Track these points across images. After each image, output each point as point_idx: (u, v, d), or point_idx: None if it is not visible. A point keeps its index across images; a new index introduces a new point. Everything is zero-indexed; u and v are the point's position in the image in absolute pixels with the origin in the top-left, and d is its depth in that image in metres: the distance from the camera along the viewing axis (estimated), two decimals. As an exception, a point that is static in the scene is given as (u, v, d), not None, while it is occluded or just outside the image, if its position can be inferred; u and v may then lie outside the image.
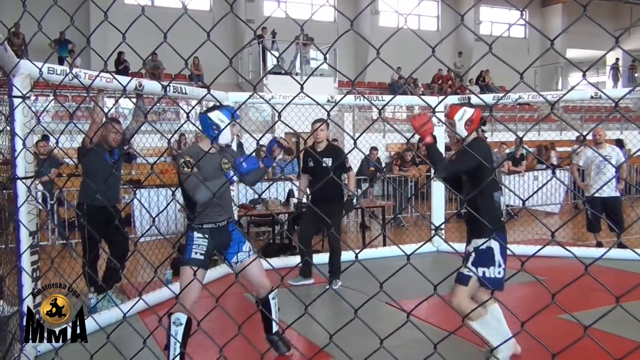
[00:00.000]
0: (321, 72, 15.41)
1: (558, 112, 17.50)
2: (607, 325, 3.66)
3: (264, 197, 8.05)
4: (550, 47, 1.24)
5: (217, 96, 6.24)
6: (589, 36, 17.02)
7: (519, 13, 1.38)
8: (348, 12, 17.01)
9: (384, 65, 2.06)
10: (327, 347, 1.64)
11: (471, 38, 19.50)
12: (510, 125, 16.46)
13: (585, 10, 1.10)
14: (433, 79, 18.28)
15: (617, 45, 1.22)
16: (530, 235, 8.27)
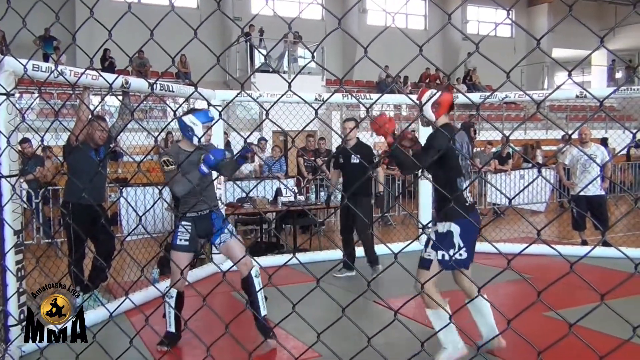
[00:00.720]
0: (309, 70, 15.39)
1: (544, 111, 17.64)
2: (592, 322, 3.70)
3: (252, 195, 8.03)
4: (536, 46, 1.24)
5: (205, 94, 6.20)
6: (574, 36, 17.20)
7: (506, 12, 1.39)
8: (336, 11, 17.02)
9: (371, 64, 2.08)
10: (314, 345, 1.64)
11: (458, 37, 19.59)
12: (497, 124, 16.57)
13: (570, 10, 1.11)
14: (420, 78, 18.34)
15: (602, 45, 1.23)
16: (517, 234, 8.33)
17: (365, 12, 19.18)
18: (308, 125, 1.70)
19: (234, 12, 16.06)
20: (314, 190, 8.16)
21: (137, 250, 6.21)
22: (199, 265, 6.51)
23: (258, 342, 3.67)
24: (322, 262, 6.49)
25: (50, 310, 2.22)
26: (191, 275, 5.94)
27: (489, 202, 11.35)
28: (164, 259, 6.35)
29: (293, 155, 10.75)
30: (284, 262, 6.32)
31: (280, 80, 1.75)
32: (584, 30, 16.19)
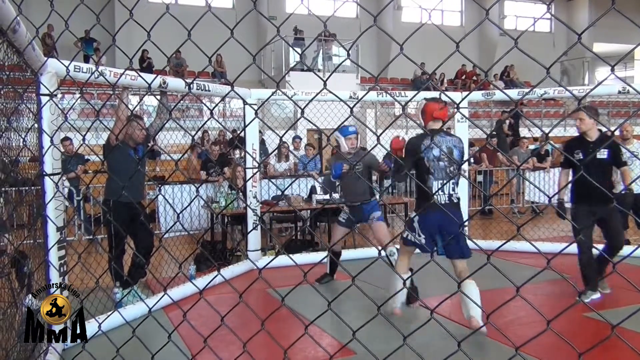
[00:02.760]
0: (343, 68, 15.36)
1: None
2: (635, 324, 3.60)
3: (287, 193, 8.07)
4: (577, 41, 1.21)
5: (241, 93, 6.26)
6: (616, 29, 16.66)
7: (545, 7, 1.36)
8: (371, 8, 16.93)
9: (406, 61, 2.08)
10: (350, 343, 1.64)
11: (495, 33, 19.26)
12: (536, 121, 16.23)
13: (613, 2, 1.08)
14: (456, 75, 18.11)
15: (646, 39, 1.19)
16: (556, 233, 8.15)
17: (400, 9, 19.03)
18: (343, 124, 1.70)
19: (269, 11, 16.15)
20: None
21: (174, 247, 6.31)
22: (234, 262, 6.58)
23: (293, 339, 3.69)
24: (357, 260, 6.47)
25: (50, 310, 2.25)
26: (228, 272, 6.01)
27: (527, 200, 11.13)
28: (200, 256, 6.44)
29: (328, 153, 10.76)
30: (319, 259, 6.35)
31: (314, 78, 1.76)
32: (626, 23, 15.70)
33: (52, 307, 2.24)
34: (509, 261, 6.00)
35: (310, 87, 7.36)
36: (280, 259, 5.88)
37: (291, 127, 1.75)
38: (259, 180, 6.78)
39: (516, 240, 6.07)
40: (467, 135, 7.45)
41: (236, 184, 7.83)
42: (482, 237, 8.16)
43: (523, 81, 18.02)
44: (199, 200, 7.99)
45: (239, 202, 7.12)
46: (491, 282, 5.48)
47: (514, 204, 11.08)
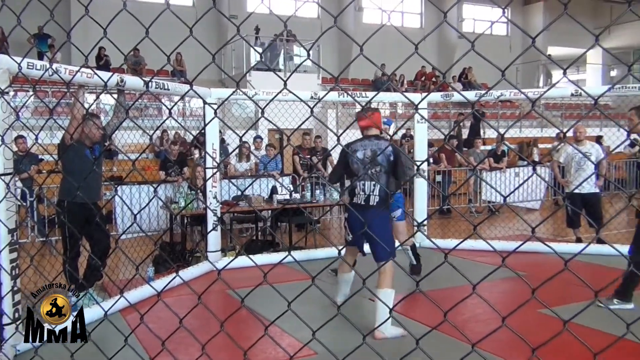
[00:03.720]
0: (305, 68, 15.37)
1: (539, 109, 17.67)
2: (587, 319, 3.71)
3: (247, 193, 8.02)
4: (531, 44, 1.25)
5: (200, 92, 6.20)
6: (570, 34, 17.21)
7: (501, 11, 1.39)
8: (331, 9, 17.00)
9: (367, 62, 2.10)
10: (310, 343, 1.64)
11: (454, 35, 19.61)
12: (493, 122, 16.59)
13: (565, 8, 1.11)
14: (416, 76, 18.35)
15: (597, 44, 1.24)
16: (512, 232, 8.35)
17: (361, 11, 19.16)
18: (304, 124, 1.70)
19: (230, 10, 16.02)
20: (310, 188, 8.16)
21: (132, 248, 6.20)
22: (194, 263, 6.50)
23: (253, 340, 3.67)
24: (318, 260, 6.49)
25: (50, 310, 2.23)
26: (187, 274, 5.94)
27: (484, 199, 11.38)
28: (159, 257, 6.34)
29: (289, 153, 10.75)
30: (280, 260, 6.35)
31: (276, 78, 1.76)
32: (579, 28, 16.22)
33: (52, 307, 2.21)
34: (467, 260, 6.12)
35: (271, 87, 7.33)
36: (241, 259, 5.84)
37: (251, 127, 1.74)
38: (219, 180, 6.72)
39: (473, 239, 6.20)
40: (426, 136, 7.56)
41: (196, 184, 7.74)
42: (440, 236, 8.30)
43: (481, 83, 18.39)
44: (158, 201, 7.87)
45: (198, 203, 7.05)
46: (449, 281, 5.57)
47: (472, 203, 11.30)
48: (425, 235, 5.85)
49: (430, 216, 9.33)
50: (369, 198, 4.35)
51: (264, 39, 15.38)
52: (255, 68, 14.60)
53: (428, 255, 6.41)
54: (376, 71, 17.04)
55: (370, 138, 4.49)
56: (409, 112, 15.09)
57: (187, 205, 6.81)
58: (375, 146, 4.41)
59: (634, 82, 7.32)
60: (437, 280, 5.48)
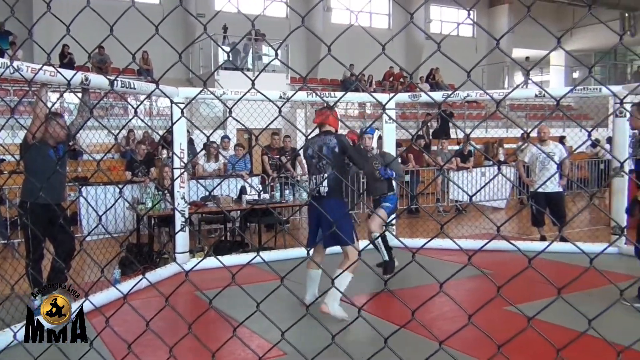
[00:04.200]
0: (273, 68, 15.32)
1: (504, 110, 17.99)
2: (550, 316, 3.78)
3: (216, 194, 7.96)
4: (495, 46, 1.27)
5: (167, 91, 6.12)
6: (534, 36, 17.57)
7: (467, 12, 1.42)
8: (300, 9, 16.99)
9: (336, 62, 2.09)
10: (279, 343, 1.64)
11: (421, 36, 19.81)
12: (459, 123, 16.83)
13: (528, 11, 1.13)
14: (384, 76, 18.48)
15: (559, 46, 1.26)
16: (478, 230, 8.48)
17: (329, 11, 19.20)
18: (273, 123, 1.69)
19: (197, 8, 15.87)
20: (279, 188, 8.14)
21: (98, 250, 6.08)
22: (162, 264, 6.42)
23: (222, 342, 3.64)
24: (287, 260, 6.47)
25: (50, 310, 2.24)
26: (154, 275, 5.86)
27: (452, 199, 11.52)
28: (125, 259, 6.24)
29: (258, 153, 10.70)
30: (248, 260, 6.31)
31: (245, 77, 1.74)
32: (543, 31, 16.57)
33: (52, 307, 2.23)
34: (435, 258, 6.19)
35: (240, 87, 7.28)
36: (210, 260, 5.79)
37: (219, 126, 1.73)
38: (187, 180, 6.64)
39: (441, 238, 6.28)
40: (394, 136, 7.62)
41: (163, 185, 7.64)
42: (409, 235, 8.37)
43: (448, 84, 18.62)
44: (124, 202, 7.75)
45: (166, 203, 6.96)
46: (417, 279, 5.62)
47: (440, 202, 11.44)
48: (394, 235, 5.90)
49: (399, 215, 9.40)
50: (319, 189, 4.58)
51: (232, 38, 15.28)
52: (224, 67, 14.49)
53: (396, 254, 6.45)
54: (345, 71, 17.10)
55: (321, 135, 4.71)
56: (377, 112, 15.18)
57: (154, 206, 6.72)
58: (322, 142, 4.63)
59: (595, 84, 7.51)
60: (406, 279, 5.54)
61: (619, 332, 2.83)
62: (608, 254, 6.46)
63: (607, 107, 14.46)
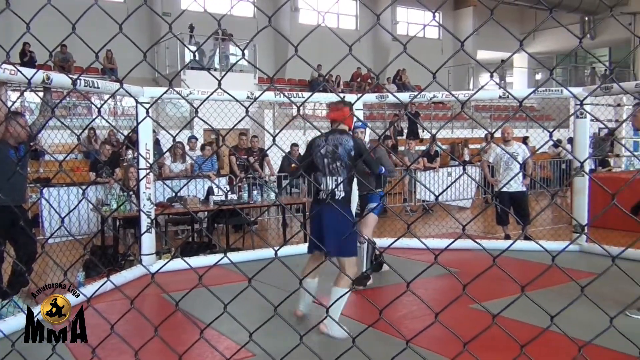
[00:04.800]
0: (241, 68, 15.24)
1: (469, 111, 18.27)
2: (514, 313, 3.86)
3: (183, 195, 7.87)
4: (460, 48, 1.29)
5: (132, 91, 6.02)
6: (498, 39, 17.92)
7: (432, 14, 1.43)
8: (267, 8, 16.95)
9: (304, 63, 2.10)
10: (248, 345, 1.63)
11: (388, 37, 19.97)
12: (426, 123, 17.02)
13: (492, 14, 1.15)
14: (352, 77, 18.56)
15: (521, 48, 1.29)
16: (445, 230, 8.59)
17: (297, 11, 19.20)
18: (241, 124, 1.68)
19: (163, 7, 15.67)
20: (247, 188, 8.10)
21: (60, 253, 5.94)
22: (127, 267, 6.32)
23: (188, 344, 3.61)
24: (255, 261, 6.45)
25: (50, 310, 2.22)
26: (120, 278, 5.76)
27: (419, 198, 11.65)
28: (89, 262, 6.12)
29: (225, 153, 10.62)
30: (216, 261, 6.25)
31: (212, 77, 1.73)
32: (507, 33, 16.89)
33: (52, 307, 2.22)
34: (402, 258, 6.25)
35: (207, 87, 7.23)
36: (177, 262, 5.73)
37: (185, 126, 1.71)
38: (152, 181, 6.55)
39: (408, 238, 6.34)
40: (368, 136, 7.66)
41: (128, 186, 7.52)
42: (377, 235, 8.42)
43: (414, 85, 18.81)
44: (88, 203, 7.60)
45: (131, 205, 6.85)
46: (385, 279, 5.67)
47: (407, 202, 11.55)
48: (362, 235, 5.92)
49: (364, 215, 9.44)
50: (333, 193, 4.23)
51: (199, 38, 15.14)
52: (190, 67, 14.35)
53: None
54: (312, 72, 17.12)
55: (335, 133, 4.34)
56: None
57: (119, 207, 6.61)
58: (337, 141, 4.27)
59: (557, 86, 7.69)
60: (374, 278, 5.58)
61: (580, 328, 2.91)
62: (570, 251, 6.62)
63: (568, 108, 14.82)
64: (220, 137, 12.42)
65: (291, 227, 9.34)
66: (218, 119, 7.11)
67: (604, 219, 7.62)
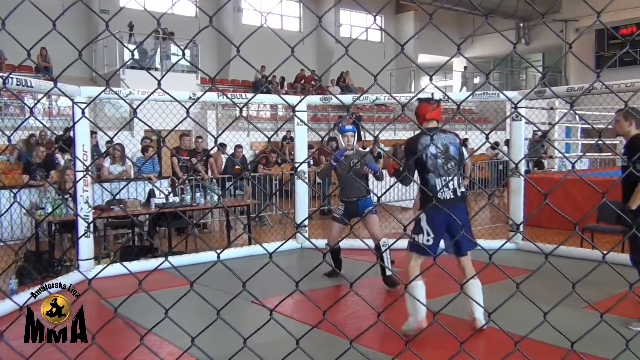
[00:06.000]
0: (183, 68, 14.99)
1: (411, 112, 18.62)
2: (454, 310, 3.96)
3: (123, 197, 7.65)
4: (400, 51, 1.31)
5: (68, 90, 5.81)
6: (438, 43, 18.33)
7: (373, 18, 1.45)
8: (209, 8, 16.74)
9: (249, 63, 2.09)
10: (191, 349, 1.60)
11: (332, 40, 20.12)
12: (369, 125, 17.24)
13: (431, 18, 1.18)
14: (296, 79, 18.59)
15: (459, 52, 1.33)
16: (388, 230, 8.72)
17: (240, 11, 19.05)
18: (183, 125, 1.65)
19: (101, 4, 15.20)
20: (189, 190, 7.96)
21: (-9, 259, 5.67)
22: (64, 272, 6.09)
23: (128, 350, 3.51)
24: (199, 264, 6.35)
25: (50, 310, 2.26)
26: (55, 285, 5.54)
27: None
28: (23, 268, 5.86)
29: (167, 155, 10.41)
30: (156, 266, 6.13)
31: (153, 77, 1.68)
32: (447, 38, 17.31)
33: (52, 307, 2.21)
34: (347, 258, 6.29)
35: (148, 87, 7.04)
36: (118, 267, 5.57)
37: (123, 127, 1.66)
38: (90, 184, 6.34)
39: (352, 238, 6.40)
40: (306, 138, 7.68)
41: (65, 189, 7.25)
42: (322, 236, 8.46)
43: (358, 87, 19.02)
44: (21, 207, 7.28)
45: (67, 208, 6.61)
46: (329, 280, 5.69)
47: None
48: (305, 237, 5.94)
49: (310, 216, 9.49)
50: (456, 192, 4.16)
51: (139, 37, 14.79)
52: (131, 66, 14.00)
53: (310, 255, 6.52)
54: (256, 73, 17.04)
55: (438, 132, 4.31)
56: (289, 114, 15.24)
57: (53, 211, 6.37)
58: (446, 140, 4.23)
59: (493, 89, 7.95)
60: (318, 279, 5.60)
61: (516, 324, 3.01)
62: (507, 249, 6.86)
63: (505, 111, 15.34)
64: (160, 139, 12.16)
65: (235, 229, 9.26)
66: (160, 119, 6.96)
67: (539, 217, 7.94)
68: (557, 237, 7.04)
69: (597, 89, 6.65)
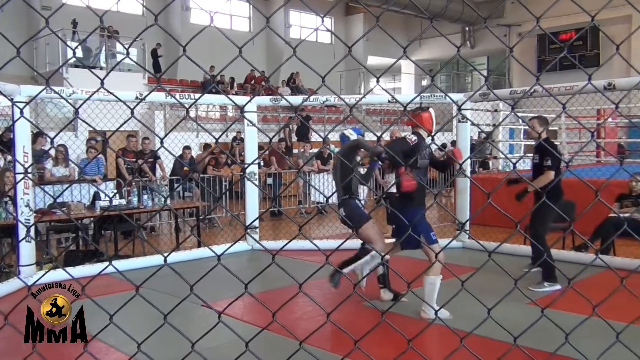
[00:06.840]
0: (129, 67, 14.65)
1: (361, 114, 18.81)
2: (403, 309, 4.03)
3: (66, 200, 7.40)
4: (347, 53, 1.32)
5: (6, 89, 5.58)
6: (387, 45, 18.57)
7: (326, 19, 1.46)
8: (156, 7, 16.41)
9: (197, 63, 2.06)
10: (137, 355, 1.57)
11: (282, 41, 20.11)
12: (319, 126, 17.30)
13: (377, 21, 1.19)
14: (246, 79, 18.47)
15: (405, 55, 1.35)
16: (338, 231, 8.76)
17: (188, 10, 18.78)
18: (129, 125, 1.61)
19: (42, 0, 14.68)
20: (136, 193, 7.78)
21: None
22: (4, 279, 5.85)
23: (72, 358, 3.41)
24: (146, 268, 6.22)
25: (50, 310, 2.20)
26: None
27: (313, 200, 11.80)
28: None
29: (112, 156, 10.14)
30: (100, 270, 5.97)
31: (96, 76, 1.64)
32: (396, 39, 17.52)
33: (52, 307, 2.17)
34: (297, 259, 6.30)
35: (92, 86, 6.83)
36: (61, 272, 5.39)
37: (64, 128, 1.61)
38: (32, 187, 6.11)
39: (302, 240, 6.40)
40: (256, 139, 7.64)
41: (4, 191, 6.96)
42: (272, 237, 8.44)
43: (308, 88, 19.06)
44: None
45: (7, 212, 6.34)
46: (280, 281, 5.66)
47: (302, 204, 11.66)
48: (254, 239, 5.91)
49: (260, 217, 9.45)
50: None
51: (83, 35, 14.35)
52: (75, 65, 13.58)
53: (260, 257, 6.47)
54: (204, 73, 16.82)
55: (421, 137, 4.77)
56: (239, 115, 15.13)
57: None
58: (426, 144, 4.82)
59: (440, 91, 8.12)
60: (268, 281, 5.58)
61: (464, 320, 3.09)
62: (454, 248, 7.01)
63: (451, 113, 15.70)
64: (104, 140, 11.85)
65: (184, 232, 9.11)
66: (105, 120, 6.78)
67: (483, 216, 8.16)
68: (501, 235, 7.25)
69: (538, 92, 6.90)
